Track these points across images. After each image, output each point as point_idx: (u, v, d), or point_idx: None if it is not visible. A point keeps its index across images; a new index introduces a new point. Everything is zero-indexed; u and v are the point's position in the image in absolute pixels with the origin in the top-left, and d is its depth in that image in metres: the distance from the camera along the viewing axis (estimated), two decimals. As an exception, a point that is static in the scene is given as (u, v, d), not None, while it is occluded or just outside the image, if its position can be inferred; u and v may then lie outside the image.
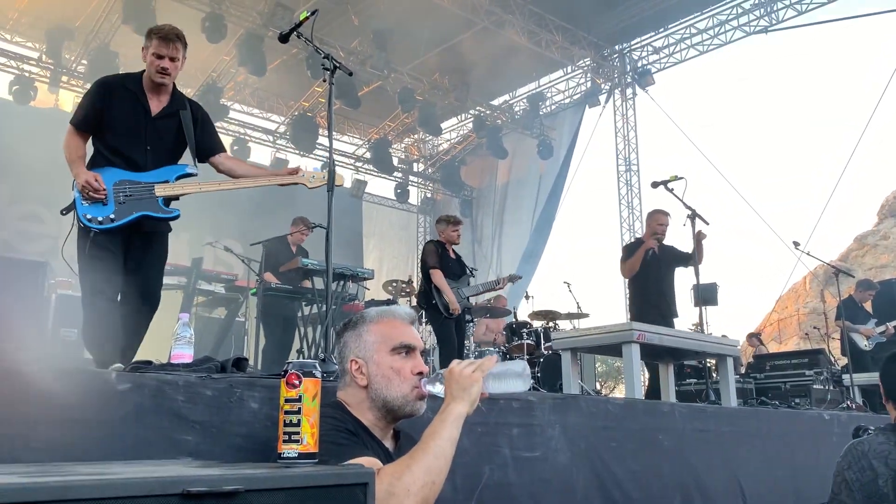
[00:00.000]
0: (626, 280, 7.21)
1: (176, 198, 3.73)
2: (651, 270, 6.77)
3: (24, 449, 1.65)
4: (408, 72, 13.07)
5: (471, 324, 8.19)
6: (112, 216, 3.53)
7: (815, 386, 7.51)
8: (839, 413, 5.25)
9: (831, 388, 7.56)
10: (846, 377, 7.43)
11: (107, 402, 1.80)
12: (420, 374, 1.98)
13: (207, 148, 3.89)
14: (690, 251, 6.58)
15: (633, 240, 7.25)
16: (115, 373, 1.88)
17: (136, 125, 3.66)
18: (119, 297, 3.61)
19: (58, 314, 8.02)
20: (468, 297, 7.05)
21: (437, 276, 6.65)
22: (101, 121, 3.64)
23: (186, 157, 3.89)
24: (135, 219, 3.57)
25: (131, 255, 3.65)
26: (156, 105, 3.73)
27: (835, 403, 7.05)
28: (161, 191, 3.63)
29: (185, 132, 3.76)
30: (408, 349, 1.99)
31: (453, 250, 7.05)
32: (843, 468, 2.66)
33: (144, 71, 3.73)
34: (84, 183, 3.47)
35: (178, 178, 3.71)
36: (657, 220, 6.84)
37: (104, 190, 3.51)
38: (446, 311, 6.60)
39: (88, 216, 3.51)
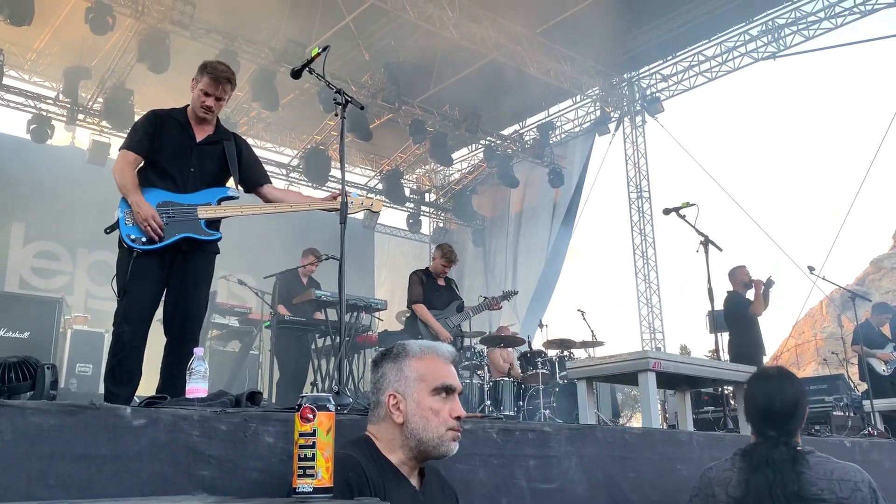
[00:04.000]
0: (730, 323, 7.81)
1: (218, 220, 3.77)
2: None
3: (41, 486, 1.65)
4: (418, 104, 13.19)
5: (475, 353, 8.00)
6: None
7: (834, 412, 7.40)
8: (860, 440, 5.16)
9: (851, 414, 7.45)
10: (866, 403, 7.33)
11: (122, 437, 1.81)
12: (458, 418, 1.94)
13: (253, 178, 3.98)
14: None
15: (730, 292, 8.01)
16: (130, 408, 1.88)
17: (181, 148, 3.76)
18: (147, 331, 3.59)
19: (73, 349, 8.09)
20: (459, 325, 6.95)
21: (421, 310, 6.65)
22: (150, 145, 3.73)
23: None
24: (177, 240, 3.60)
25: (173, 276, 3.66)
26: (200, 133, 3.84)
27: (855, 430, 6.94)
28: (203, 213, 3.68)
29: (229, 160, 3.85)
30: (448, 390, 1.95)
31: (444, 278, 7.00)
32: (692, 495, 2.66)
33: (188, 105, 3.87)
34: (148, 217, 3.50)
35: (220, 200, 3.77)
36: (744, 272, 7.93)
37: (162, 228, 3.54)
38: None
39: (132, 236, 3.53)
